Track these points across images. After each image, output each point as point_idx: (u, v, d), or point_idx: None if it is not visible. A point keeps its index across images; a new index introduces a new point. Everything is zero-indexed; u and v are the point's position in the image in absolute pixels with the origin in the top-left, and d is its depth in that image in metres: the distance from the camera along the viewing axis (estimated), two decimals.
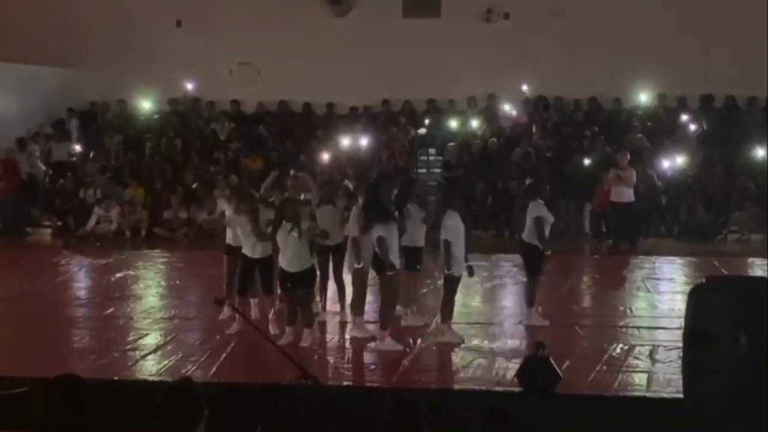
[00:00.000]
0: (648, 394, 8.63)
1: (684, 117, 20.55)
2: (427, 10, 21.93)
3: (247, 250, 10.88)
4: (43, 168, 21.32)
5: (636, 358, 9.74)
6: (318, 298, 11.37)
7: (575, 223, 19.02)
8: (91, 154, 21.40)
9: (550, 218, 11.19)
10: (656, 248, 17.30)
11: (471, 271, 10.59)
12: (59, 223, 20.05)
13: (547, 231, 11.12)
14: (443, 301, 10.48)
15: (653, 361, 9.61)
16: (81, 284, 14.75)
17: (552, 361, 8.54)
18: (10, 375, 8.84)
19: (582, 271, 15.17)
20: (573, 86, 21.15)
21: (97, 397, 4.73)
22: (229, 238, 11.31)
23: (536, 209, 11.11)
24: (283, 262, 10.21)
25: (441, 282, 10.68)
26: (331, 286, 11.62)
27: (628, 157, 17.55)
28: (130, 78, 22.13)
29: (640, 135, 19.81)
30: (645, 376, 9.11)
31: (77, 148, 21.74)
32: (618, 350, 10.02)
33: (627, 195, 17.34)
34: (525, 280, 11.65)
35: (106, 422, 4.83)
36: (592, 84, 20.95)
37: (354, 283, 10.84)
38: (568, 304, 12.60)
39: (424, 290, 12.50)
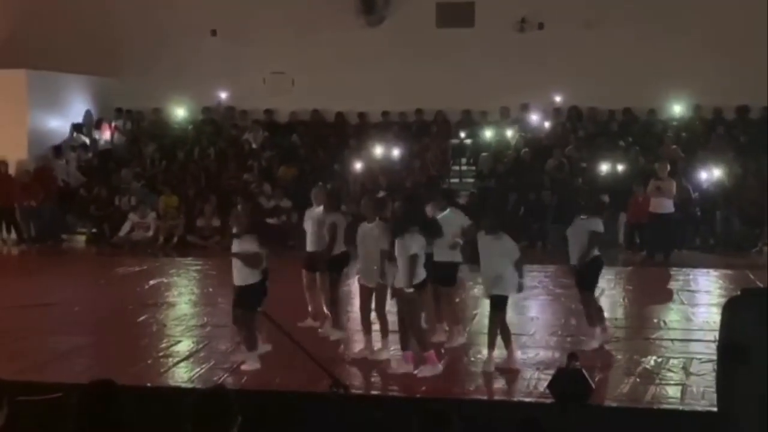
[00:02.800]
0: (682, 407, 8.55)
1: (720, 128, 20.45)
2: (460, 20, 21.94)
3: None
4: (80, 175, 21.55)
5: (670, 370, 9.66)
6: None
7: (609, 235, 18.90)
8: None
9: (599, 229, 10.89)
10: (691, 260, 17.17)
11: None
12: (94, 230, 20.24)
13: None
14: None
15: (687, 373, 9.52)
16: (115, 291, 14.83)
17: (585, 373, 8.49)
18: (45, 380, 8.92)
19: (615, 283, 15.06)
20: (607, 97, 21.05)
21: (131, 404, 4.76)
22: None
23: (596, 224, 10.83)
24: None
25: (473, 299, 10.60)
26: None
27: (669, 168, 17.46)
28: (166, 87, 22.34)
29: (674, 146, 19.70)
30: (679, 388, 9.04)
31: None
32: (652, 362, 9.95)
33: (667, 206, 17.26)
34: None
35: (140, 428, 4.86)
36: (627, 94, 20.85)
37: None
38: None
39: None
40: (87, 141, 22.50)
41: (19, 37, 22.56)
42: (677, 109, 21.15)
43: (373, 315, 10.39)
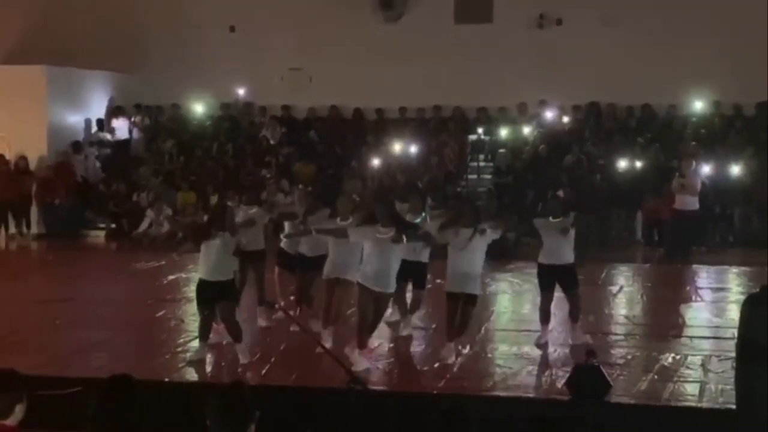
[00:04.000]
0: (700, 405, 8.52)
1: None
2: (479, 16, 21.87)
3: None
4: (99, 171, 21.65)
5: (688, 368, 9.62)
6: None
7: (627, 231, 18.89)
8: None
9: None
10: (710, 257, 17.09)
11: None
12: (113, 226, 20.34)
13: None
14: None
15: (706, 371, 9.49)
16: (133, 286, 14.91)
17: (603, 370, 8.47)
18: (64, 375, 8.98)
19: (634, 280, 15.03)
20: (626, 93, 20.96)
21: (149, 398, 4.78)
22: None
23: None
24: (204, 271, 9.82)
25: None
26: None
27: (694, 165, 17.39)
28: (184, 83, 22.38)
29: (694, 142, 19.60)
30: (697, 386, 9.00)
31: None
32: (670, 360, 9.91)
33: (691, 203, 17.17)
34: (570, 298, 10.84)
35: (158, 423, 4.88)
36: (646, 90, 20.74)
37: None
38: (620, 313, 12.49)
39: None
40: (108, 136, 22.56)
41: (38, 33, 22.65)
42: (696, 105, 21.00)
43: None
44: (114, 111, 22.87)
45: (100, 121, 22.52)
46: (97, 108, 22.75)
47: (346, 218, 10.24)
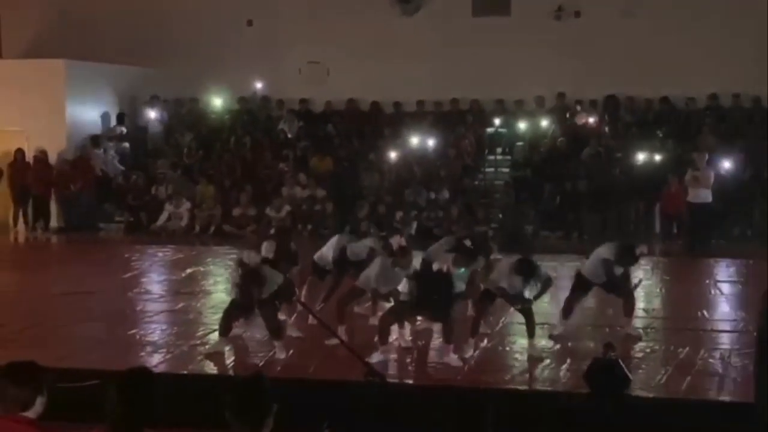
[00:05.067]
0: (719, 399, 8.48)
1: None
2: (496, 9, 21.82)
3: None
4: (118, 165, 21.72)
5: (707, 361, 9.58)
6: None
7: (645, 224, 18.82)
8: None
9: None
10: (729, 250, 17.00)
11: None
12: (131, 219, 20.42)
13: None
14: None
15: (725, 365, 9.44)
16: (152, 279, 14.97)
17: (622, 363, 8.44)
18: (82, 367, 9.01)
19: (652, 273, 14.96)
20: (644, 86, 20.87)
21: (168, 391, 4.80)
22: None
23: None
24: None
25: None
26: None
27: (707, 158, 17.32)
28: (202, 77, 22.42)
29: (711, 135, 19.50)
30: (716, 380, 8.97)
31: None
32: (689, 353, 9.87)
33: (704, 196, 17.12)
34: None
35: (176, 416, 4.90)
36: (664, 83, 20.65)
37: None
38: (638, 306, 12.42)
39: None
40: (125, 130, 22.61)
41: (57, 27, 22.77)
42: (715, 98, 20.87)
43: None
44: (149, 101, 22.86)
45: (120, 115, 22.58)
46: (116, 102, 22.81)
47: (403, 267, 10.11)
